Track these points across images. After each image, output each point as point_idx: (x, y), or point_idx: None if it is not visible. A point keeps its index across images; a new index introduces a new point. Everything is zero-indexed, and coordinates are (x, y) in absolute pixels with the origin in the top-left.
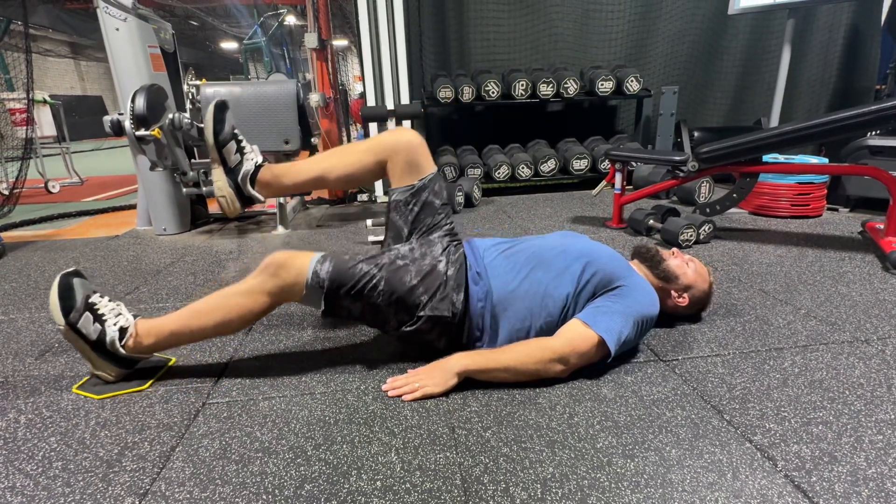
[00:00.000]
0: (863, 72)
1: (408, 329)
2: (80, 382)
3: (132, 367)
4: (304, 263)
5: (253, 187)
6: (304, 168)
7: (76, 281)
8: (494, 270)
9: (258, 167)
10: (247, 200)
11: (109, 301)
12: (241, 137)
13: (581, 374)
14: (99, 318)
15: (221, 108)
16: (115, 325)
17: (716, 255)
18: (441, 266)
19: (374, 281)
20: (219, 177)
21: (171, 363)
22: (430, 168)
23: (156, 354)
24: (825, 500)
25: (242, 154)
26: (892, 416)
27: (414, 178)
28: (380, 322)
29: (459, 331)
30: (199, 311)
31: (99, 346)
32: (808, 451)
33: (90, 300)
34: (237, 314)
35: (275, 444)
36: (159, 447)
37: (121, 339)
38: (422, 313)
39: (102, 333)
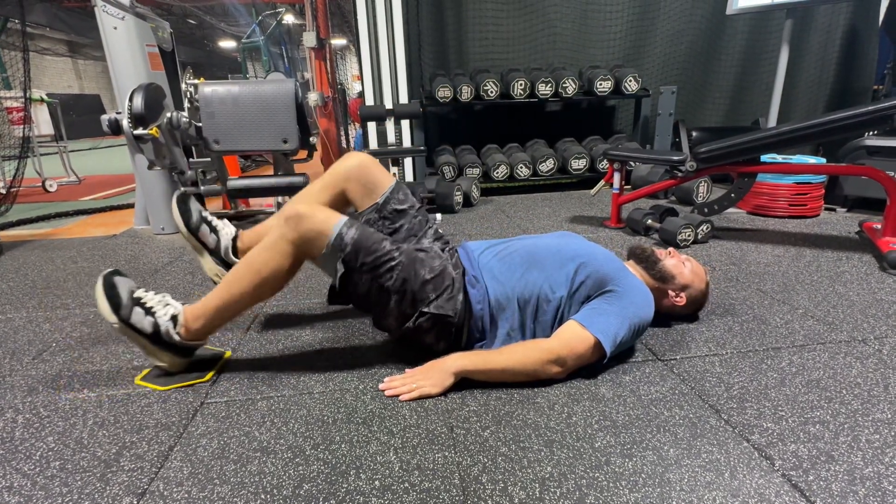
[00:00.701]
0: (860, 72)
1: (408, 326)
2: (143, 374)
3: (191, 355)
4: (328, 218)
5: (237, 256)
6: (272, 221)
7: (118, 279)
8: (490, 273)
9: (234, 238)
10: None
11: (155, 294)
12: (210, 219)
13: (579, 374)
14: (149, 311)
15: (182, 199)
16: (165, 314)
17: (714, 254)
18: (449, 268)
19: (393, 263)
20: (208, 264)
21: (227, 355)
22: (387, 182)
23: (211, 347)
24: (822, 499)
25: (217, 233)
26: (889, 416)
27: (376, 197)
28: (381, 308)
29: (459, 334)
30: (232, 281)
31: (156, 338)
32: (806, 451)
33: (135, 295)
34: (267, 271)
35: (273, 443)
36: (157, 447)
37: (174, 327)
38: (426, 309)
39: (156, 325)
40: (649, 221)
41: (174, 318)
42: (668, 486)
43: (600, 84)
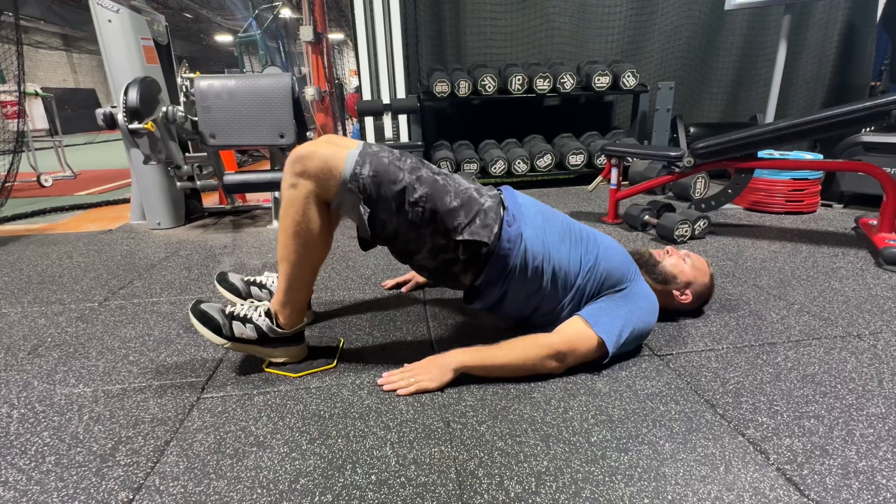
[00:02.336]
0: (858, 68)
1: (443, 257)
2: (268, 361)
3: (303, 340)
4: (336, 153)
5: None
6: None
7: (205, 305)
8: (531, 221)
9: (269, 312)
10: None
11: (242, 302)
12: (237, 312)
13: (576, 369)
14: (246, 320)
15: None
16: (260, 316)
17: (710, 250)
18: (475, 195)
19: (417, 195)
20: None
21: (342, 343)
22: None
23: (325, 337)
24: (816, 492)
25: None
26: (883, 410)
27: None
28: (415, 244)
29: (481, 268)
30: (282, 256)
31: (265, 339)
32: (800, 445)
33: (227, 312)
34: (298, 229)
35: (269, 438)
36: (153, 441)
37: (272, 321)
38: (459, 237)
39: (258, 329)
40: (646, 217)
41: (268, 314)
42: (664, 480)
43: (598, 79)
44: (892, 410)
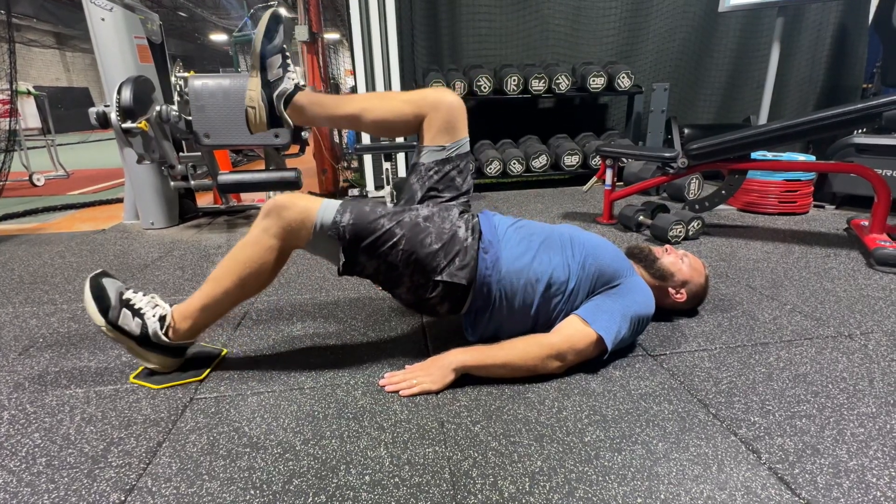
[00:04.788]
0: (850, 71)
1: (422, 296)
2: (137, 371)
3: (182, 354)
4: (310, 206)
5: (286, 108)
6: (342, 102)
7: (106, 280)
8: (507, 243)
9: (298, 88)
10: (275, 121)
11: (143, 295)
12: (288, 55)
13: (570, 369)
14: (137, 312)
15: (277, 18)
16: (154, 315)
17: (704, 251)
18: (461, 233)
19: (395, 239)
20: (254, 86)
21: (223, 353)
22: (464, 133)
23: (207, 345)
24: (808, 491)
25: (286, 71)
26: (874, 410)
27: (447, 139)
28: (394, 282)
29: (464, 298)
30: (217, 278)
31: (144, 340)
32: (792, 444)
33: (124, 296)
34: (252, 268)
35: (263, 439)
36: (146, 443)
37: (162, 328)
38: (439, 278)
39: (144, 326)
40: (641, 218)
41: (162, 319)
42: (657, 479)
43: (593, 80)
44: (883, 410)
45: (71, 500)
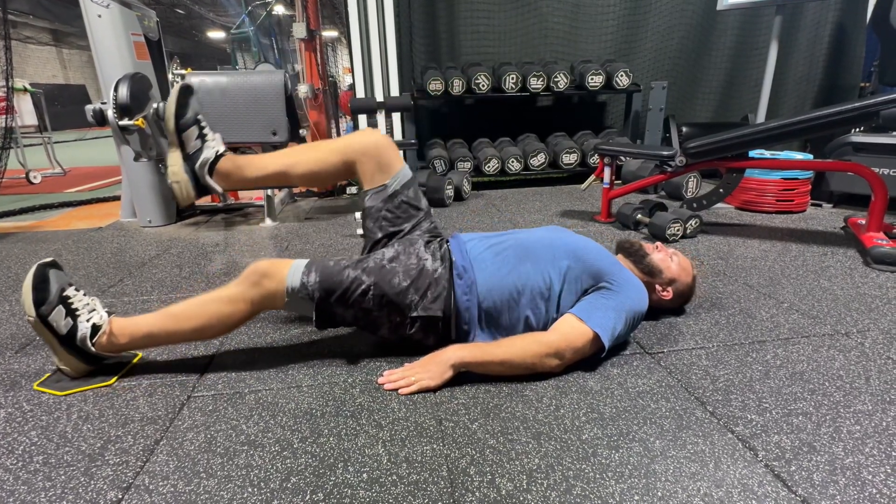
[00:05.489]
0: (848, 69)
1: (402, 334)
2: (42, 379)
3: (99, 363)
4: (284, 276)
5: (211, 176)
6: (267, 161)
7: (52, 272)
8: (481, 264)
9: (219, 156)
10: (202, 190)
11: (84, 296)
12: (204, 124)
13: (568, 367)
14: (72, 313)
15: (186, 91)
16: (87, 321)
17: (702, 249)
18: (428, 264)
19: (364, 286)
20: (175, 161)
21: (136, 359)
22: (399, 165)
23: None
24: (804, 488)
25: (203, 140)
26: (870, 407)
27: (386, 177)
28: (373, 325)
29: (447, 328)
30: (176, 316)
31: (68, 341)
32: (788, 442)
33: (64, 293)
34: (217, 321)
35: (261, 437)
36: (143, 441)
37: (92, 336)
38: (414, 314)
39: (74, 328)
40: (639, 216)
41: (95, 328)
42: (654, 476)
43: (592, 79)
44: (879, 407)
45: (68, 498)
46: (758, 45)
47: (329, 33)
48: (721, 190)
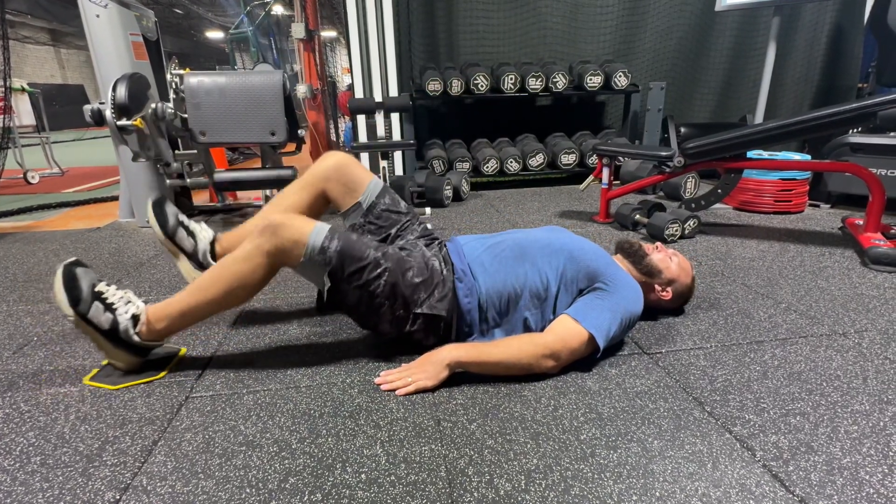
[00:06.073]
0: (846, 70)
1: (403, 329)
2: (92, 373)
3: (146, 355)
4: (304, 226)
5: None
6: (248, 227)
7: (80, 270)
8: (479, 266)
9: (136, 317)
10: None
11: (117, 289)
12: (102, 290)
13: (566, 367)
14: (109, 307)
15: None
16: (126, 313)
17: (700, 249)
18: (437, 264)
19: (381, 269)
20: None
21: (182, 353)
22: (366, 179)
23: (166, 344)
24: (801, 488)
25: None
26: (867, 407)
27: (357, 195)
28: (373, 314)
29: (448, 329)
30: (202, 287)
31: (112, 335)
32: (786, 442)
33: (97, 289)
34: (239, 282)
35: (259, 437)
36: (141, 441)
37: (134, 326)
38: (419, 310)
39: (115, 322)
40: (637, 216)
41: (135, 318)
42: (652, 477)
43: (590, 79)
44: (876, 407)
45: (66, 499)
46: (756, 46)
47: (328, 33)
48: (719, 190)
